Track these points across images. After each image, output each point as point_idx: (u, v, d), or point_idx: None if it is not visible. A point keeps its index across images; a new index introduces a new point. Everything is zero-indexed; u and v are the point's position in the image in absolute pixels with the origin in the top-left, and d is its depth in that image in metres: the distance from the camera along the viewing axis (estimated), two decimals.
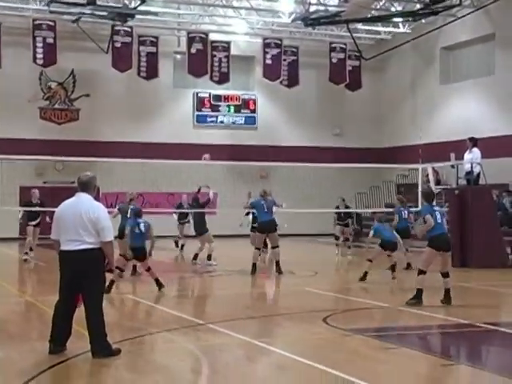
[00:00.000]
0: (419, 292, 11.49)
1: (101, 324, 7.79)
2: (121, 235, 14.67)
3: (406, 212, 17.77)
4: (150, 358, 8.10)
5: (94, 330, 7.76)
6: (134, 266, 15.54)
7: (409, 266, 16.90)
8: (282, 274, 16.28)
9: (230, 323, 9.98)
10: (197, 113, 31.24)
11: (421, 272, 11.62)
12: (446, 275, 11.59)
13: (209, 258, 18.32)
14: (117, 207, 16.80)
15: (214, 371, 7.55)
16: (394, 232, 16.00)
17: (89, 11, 24.83)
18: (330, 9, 25.80)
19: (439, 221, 11.57)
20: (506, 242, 20.04)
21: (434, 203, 12.06)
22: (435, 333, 10.04)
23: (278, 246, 16.62)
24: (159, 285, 13.20)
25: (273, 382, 7.28)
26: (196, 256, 18.69)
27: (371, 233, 15.73)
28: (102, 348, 7.72)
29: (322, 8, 25.90)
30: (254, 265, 16.46)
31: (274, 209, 16.97)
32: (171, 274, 17.06)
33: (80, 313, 7.92)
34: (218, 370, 7.58)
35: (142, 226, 13.44)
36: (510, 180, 25.06)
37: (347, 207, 22.66)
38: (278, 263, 16.45)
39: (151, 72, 28.98)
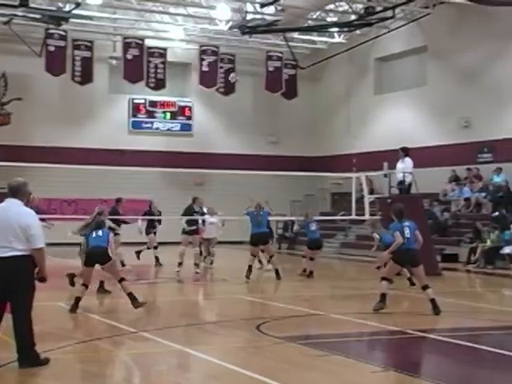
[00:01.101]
0: (383, 296, 11.70)
1: (29, 333, 7.59)
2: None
3: (314, 224, 17.90)
4: (80, 367, 7.96)
5: (21, 340, 7.56)
6: (102, 282, 13.98)
7: (311, 273, 17.33)
8: (281, 279, 16.72)
9: (163, 331, 9.90)
10: (132, 119, 30.99)
11: (384, 279, 11.83)
12: (425, 288, 11.72)
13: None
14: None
15: (146, 380, 7.47)
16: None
17: (21, 13, 24.35)
18: (267, 17, 25.94)
19: (408, 236, 11.68)
20: (436, 249, 20.48)
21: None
22: (367, 340, 10.15)
23: (273, 256, 17.36)
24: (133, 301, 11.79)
25: None
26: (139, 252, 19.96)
27: (377, 237, 16.07)
28: (28, 358, 7.54)
29: (258, 16, 26.04)
30: (250, 267, 16.74)
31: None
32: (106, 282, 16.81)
33: (6, 322, 7.71)
34: (151, 379, 7.50)
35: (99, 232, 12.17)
36: (441, 189, 25.66)
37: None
38: (277, 270, 16.95)
39: (86, 77, 28.55)
